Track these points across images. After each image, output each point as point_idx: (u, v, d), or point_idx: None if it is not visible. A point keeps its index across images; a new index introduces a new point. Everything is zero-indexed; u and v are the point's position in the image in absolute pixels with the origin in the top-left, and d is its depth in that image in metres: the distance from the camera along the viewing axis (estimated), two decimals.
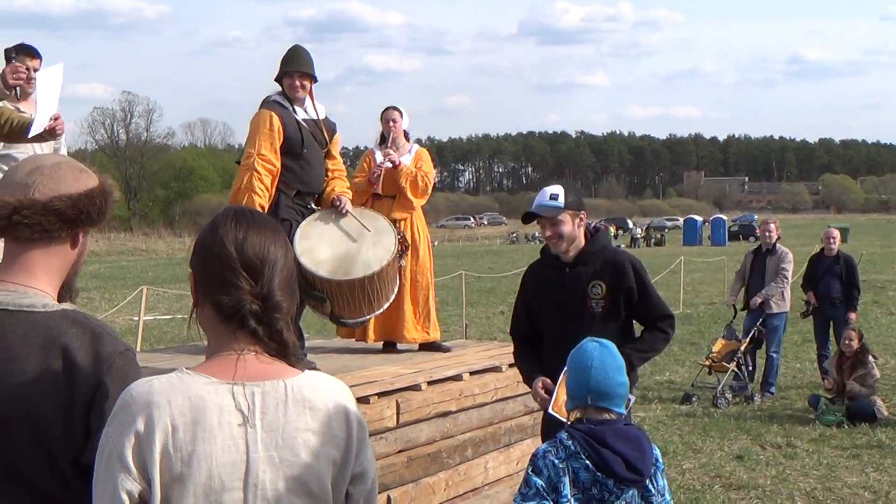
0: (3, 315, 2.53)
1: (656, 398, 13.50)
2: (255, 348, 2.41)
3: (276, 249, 2.45)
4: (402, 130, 8.90)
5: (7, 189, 2.57)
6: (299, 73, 7.62)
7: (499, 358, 8.40)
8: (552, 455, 3.97)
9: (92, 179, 2.66)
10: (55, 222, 2.58)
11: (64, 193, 2.58)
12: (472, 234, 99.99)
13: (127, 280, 36.90)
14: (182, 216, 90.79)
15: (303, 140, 7.53)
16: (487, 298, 29.36)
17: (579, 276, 5.93)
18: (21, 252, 2.60)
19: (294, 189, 7.56)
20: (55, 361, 2.48)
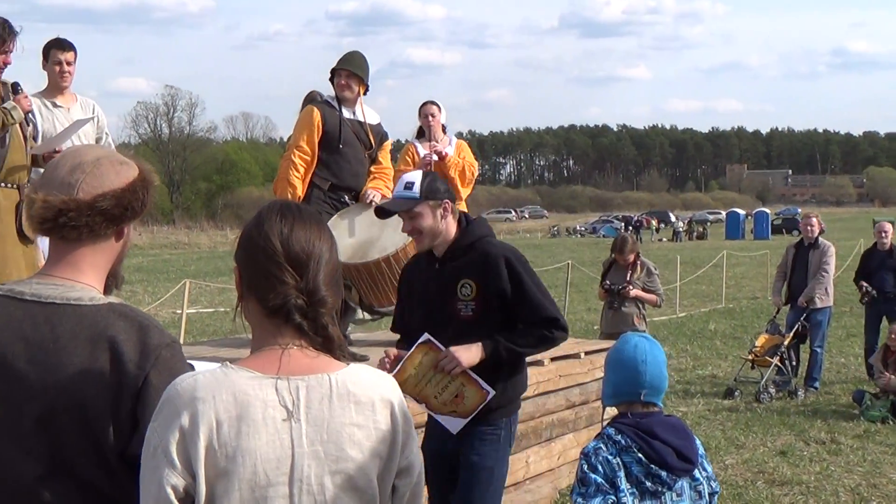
0: (51, 309, 2.55)
1: (698, 393, 13.42)
2: (299, 342, 2.41)
3: (321, 244, 2.45)
4: (440, 124, 8.96)
5: (50, 188, 2.58)
6: (346, 72, 7.81)
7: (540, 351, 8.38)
8: (603, 451, 3.94)
9: (132, 170, 2.67)
10: (101, 221, 2.59)
11: (108, 191, 2.58)
12: (513, 227, 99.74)
13: (170, 273, 37.08)
14: (224, 209, 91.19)
15: (340, 136, 7.71)
16: None
17: (448, 275, 5.13)
18: (67, 249, 2.61)
19: (328, 182, 7.78)
20: (102, 354, 2.50)
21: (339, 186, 7.85)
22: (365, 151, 7.96)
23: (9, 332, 2.54)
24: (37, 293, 2.58)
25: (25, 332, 2.53)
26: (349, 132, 7.85)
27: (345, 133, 7.81)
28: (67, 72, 7.79)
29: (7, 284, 2.64)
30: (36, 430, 2.50)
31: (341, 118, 7.85)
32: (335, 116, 7.84)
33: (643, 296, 10.92)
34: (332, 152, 7.79)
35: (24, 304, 2.57)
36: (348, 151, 7.84)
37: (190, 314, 19.62)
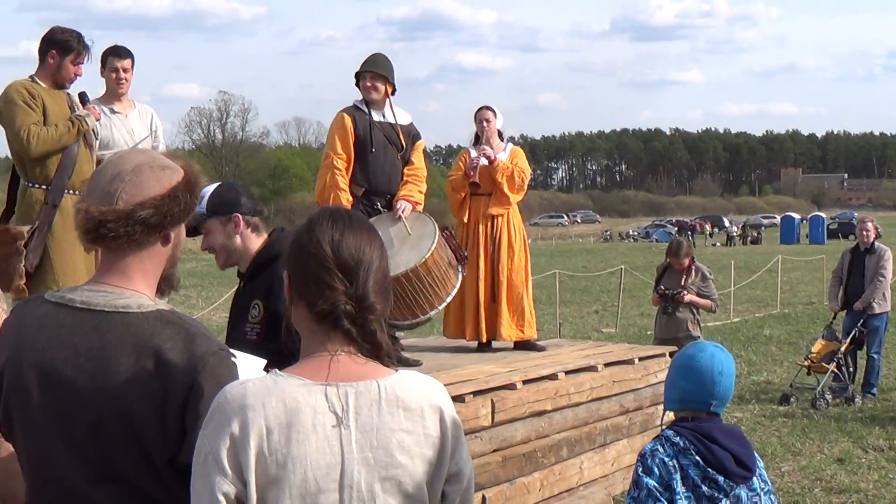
0: (100, 317, 2.56)
1: (753, 399, 13.31)
2: (348, 349, 2.40)
3: (371, 251, 2.45)
4: (495, 130, 8.95)
5: (92, 198, 2.59)
6: (371, 74, 7.83)
7: (594, 357, 8.36)
8: (661, 453, 3.91)
9: (175, 174, 2.65)
10: (141, 231, 2.59)
11: (147, 200, 2.58)
12: (566, 232, 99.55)
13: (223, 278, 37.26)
14: (276, 214, 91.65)
15: (371, 140, 7.73)
16: (581, 297, 29.21)
17: (246, 295, 4.63)
18: (115, 258, 2.62)
19: (361, 188, 7.79)
20: (148, 362, 2.51)
21: (373, 191, 7.85)
22: (397, 153, 7.94)
23: (58, 339, 2.56)
24: (86, 301, 2.59)
25: (74, 340, 2.55)
26: (380, 135, 7.85)
27: (375, 137, 7.81)
28: (124, 79, 7.89)
29: (59, 292, 2.66)
30: (86, 437, 2.52)
31: (371, 122, 7.84)
32: (365, 120, 7.84)
33: (698, 301, 10.84)
34: (364, 157, 7.79)
35: (74, 311, 2.58)
36: (380, 155, 7.83)
37: None
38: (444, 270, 7.58)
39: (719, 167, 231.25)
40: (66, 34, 7.11)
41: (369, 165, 7.77)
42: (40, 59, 7.11)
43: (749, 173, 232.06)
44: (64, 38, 7.07)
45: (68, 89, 7.24)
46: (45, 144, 6.84)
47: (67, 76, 7.11)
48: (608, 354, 8.64)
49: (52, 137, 6.84)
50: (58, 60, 7.04)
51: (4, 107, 6.92)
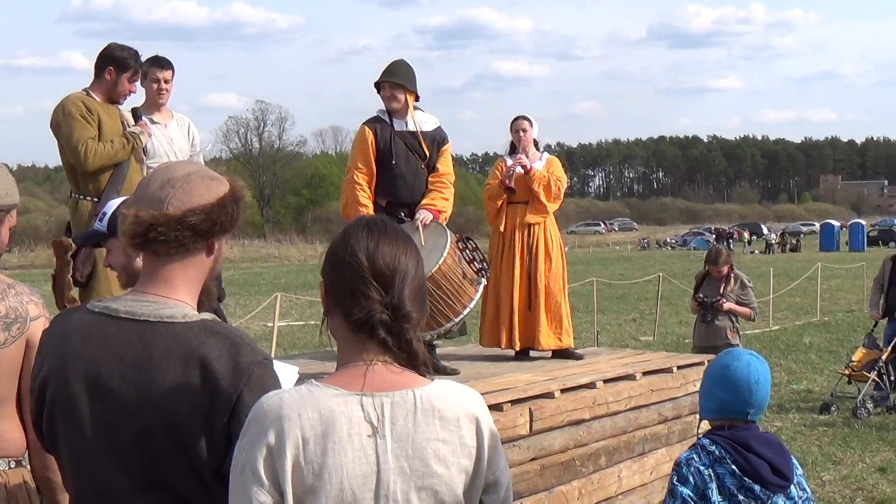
0: (145, 327, 2.57)
1: (794, 408, 13.22)
2: (384, 358, 2.40)
3: (406, 260, 2.44)
4: (531, 139, 8.94)
5: (141, 203, 2.60)
6: (389, 84, 7.75)
7: (632, 366, 8.32)
8: (696, 462, 3.88)
9: (223, 185, 2.68)
10: (190, 236, 2.61)
11: (197, 206, 2.60)
12: (603, 239, 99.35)
13: (260, 286, 37.53)
14: (314, 223, 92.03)
15: (392, 151, 7.70)
16: (618, 305, 29.15)
17: None
18: (159, 265, 2.63)
19: (385, 199, 7.76)
20: (194, 372, 2.52)
21: (397, 203, 7.82)
22: (421, 162, 7.89)
23: (103, 350, 2.57)
24: (131, 310, 2.60)
25: (120, 350, 2.56)
26: (401, 145, 7.79)
27: (396, 147, 7.76)
28: (165, 90, 7.95)
29: (102, 302, 2.67)
30: (132, 447, 2.53)
31: (392, 132, 7.80)
32: (386, 131, 7.79)
33: (737, 309, 10.79)
34: (386, 169, 7.74)
35: (119, 321, 2.60)
36: (402, 165, 7.78)
37: (281, 327, 19.81)
38: (458, 283, 7.50)
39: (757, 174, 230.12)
40: (124, 52, 7.19)
41: (392, 177, 7.74)
42: (96, 74, 7.17)
43: (787, 180, 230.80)
44: (122, 56, 7.15)
45: (121, 105, 7.33)
46: (101, 160, 6.91)
47: (122, 93, 7.20)
48: (646, 363, 8.59)
49: (107, 153, 6.92)
50: (114, 77, 7.12)
51: (62, 119, 6.97)
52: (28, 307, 3.35)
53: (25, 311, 3.34)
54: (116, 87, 7.15)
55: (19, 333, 3.30)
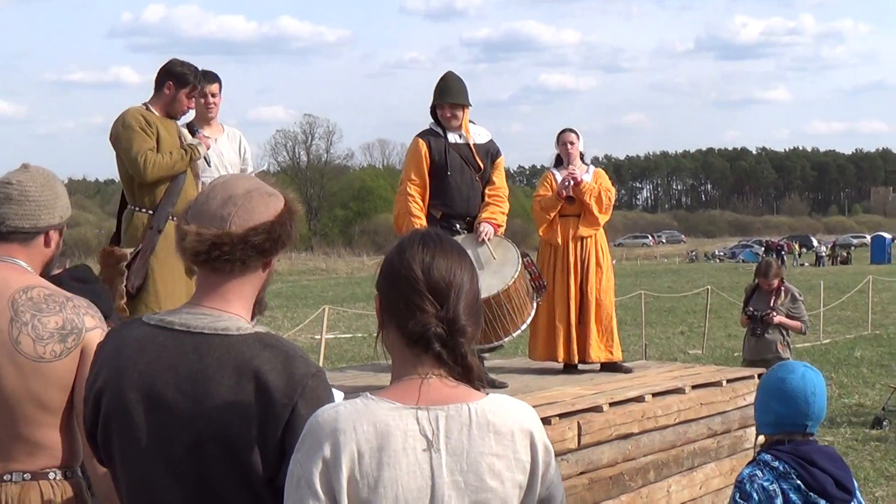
0: (199, 339, 2.60)
1: (845, 422, 13.10)
2: (439, 372, 2.40)
3: (461, 273, 2.45)
4: (578, 152, 8.94)
5: (202, 220, 2.63)
6: (450, 105, 7.79)
7: (681, 379, 8.28)
8: (760, 478, 3.85)
9: (279, 201, 2.71)
10: (253, 255, 2.64)
11: (259, 224, 2.63)
12: (651, 252, 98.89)
13: (308, 299, 37.67)
14: (361, 236, 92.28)
15: (448, 163, 7.74)
16: (667, 318, 29.00)
17: None
18: (217, 280, 2.67)
19: (440, 211, 7.79)
20: (248, 384, 2.54)
21: (452, 214, 7.85)
22: (475, 174, 7.93)
23: (159, 362, 2.60)
24: (186, 323, 2.63)
25: (174, 362, 2.59)
26: (456, 157, 7.84)
27: (451, 159, 7.81)
28: (213, 103, 8.00)
29: (158, 314, 2.70)
30: (186, 458, 2.55)
31: (447, 145, 7.85)
32: (441, 144, 7.84)
33: (787, 322, 10.71)
34: (441, 181, 7.78)
35: (174, 334, 2.62)
36: (457, 177, 7.83)
37: (328, 339, 19.88)
38: (522, 298, 7.55)
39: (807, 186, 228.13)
40: (183, 67, 7.24)
41: (447, 188, 7.77)
42: (156, 89, 7.22)
43: (838, 192, 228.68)
44: (181, 72, 7.20)
45: (178, 120, 7.37)
46: (160, 170, 6.96)
47: (180, 108, 7.24)
48: (695, 376, 8.55)
49: (166, 164, 6.97)
50: (173, 92, 7.16)
51: (122, 132, 7.03)
52: (84, 319, 3.40)
53: (81, 322, 3.38)
54: (174, 103, 7.19)
55: (74, 345, 3.34)
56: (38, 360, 3.30)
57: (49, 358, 3.30)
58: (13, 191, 3.44)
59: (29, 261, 3.47)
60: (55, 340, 3.32)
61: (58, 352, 3.32)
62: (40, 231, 3.50)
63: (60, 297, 3.41)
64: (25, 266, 3.45)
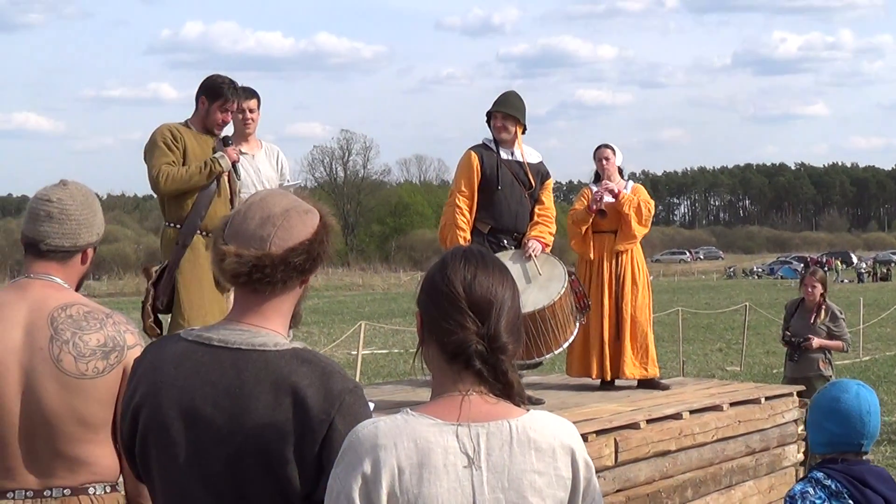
0: (237, 354, 2.61)
1: (885, 440, 12.98)
2: (479, 389, 2.40)
3: (503, 290, 2.45)
4: (615, 167, 8.94)
5: (241, 241, 2.62)
6: (501, 114, 7.87)
7: (719, 396, 8.24)
8: (811, 495, 3.82)
9: (315, 217, 2.71)
10: (294, 275, 2.65)
11: (297, 245, 2.63)
12: (688, 268, 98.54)
13: (345, 315, 37.72)
14: (397, 251, 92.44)
15: (499, 178, 7.78)
16: (704, 335, 28.87)
17: None
18: (256, 299, 2.67)
19: (487, 225, 7.85)
20: (285, 399, 2.54)
21: (499, 229, 7.89)
22: (525, 191, 7.98)
23: (197, 377, 2.61)
24: (224, 339, 2.64)
25: (212, 378, 2.60)
26: (507, 173, 7.90)
27: (503, 174, 7.87)
28: (251, 119, 8.01)
29: (196, 330, 2.71)
30: (224, 473, 2.56)
31: (499, 160, 7.91)
32: (493, 158, 7.91)
33: (828, 344, 10.59)
34: (490, 195, 7.84)
35: (212, 349, 2.63)
36: (507, 193, 7.88)
37: (365, 355, 19.90)
38: (566, 316, 7.55)
39: (846, 202, 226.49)
40: (216, 80, 7.23)
41: (496, 203, 7.83)
42: (196, 104, 7.26)
43: (878, 208, 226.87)
44: (213, 84, 7.19)
45: (219, 135, 7.33)
46: (174, 183, 6.95)
47: (214, 122, 7.20)
48: (734, 393, 8.51)
49: (181, 177, 6.96)
50: (206, 106, 7.16)
51: (148, 148, 7.08)
52: (125, 336, 3.42)
53: (123, 339, 3.41)
54: (208, 117, 7.19)
55: (117, 362, 3.36)
56: (81, 377, 3.32)
57: (92, 375, 3.33)
58: (53, 209, 3.46)
59: (66, 278, 3.49)
60: (97, 357, 3.34)
61: (101, 369, 3.34)
62: (79, 249, 3.52)
63: (100, 314, 3.43)
64: (62, 283, 3.47)
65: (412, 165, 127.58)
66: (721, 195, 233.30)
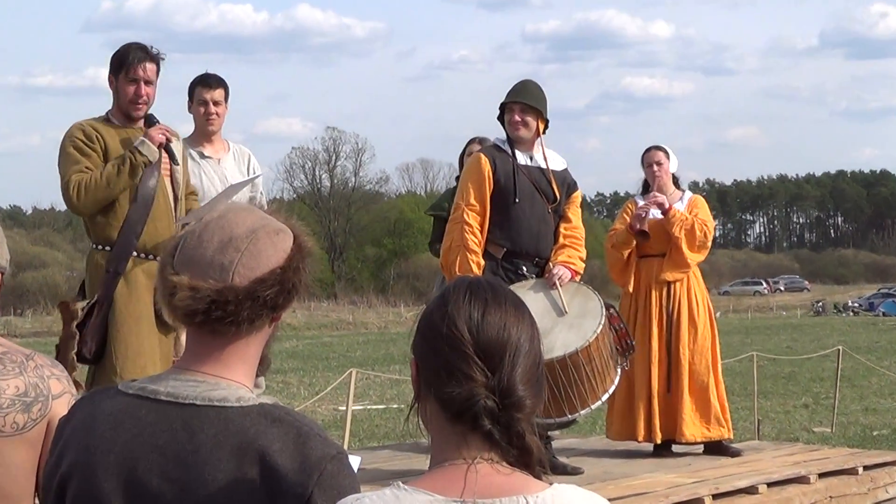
0: (190, 412, 2.58)
1: None
2: (489, 455, 2.37)
3: (519, 332, 2.42)
4: (669, 175, 8.95)
5: (195, 269, 2.58)
6: (520, 106, 7.76)
7: (805, 465, 8.23)
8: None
9: (288, 238, 2.68)
10: (264, 312, 2.61)
11: (267, 273, 2.59)
12: (765, 302, 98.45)
13: (330, 360, 37.68)
14: (397, 281, 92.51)
15: (515, 188, 7.65)
16: (785, 387, 28.80)
17: None
18: (214, 342, 2.63)
19: (501, 248, 7.74)
20: (251, 468, 2.52)
21: (517, 253, 7.79)
22: (548, 205, 7.89)
23: (140, 441, 2.58)
24: (173, 392, 2.61)
25: (159, 441, 2.57)
26: (526, 182, 7.79)
27: (520, 184, 7.75)
28: (214, 113, 7.95)
29: (139, 382, 2.68)
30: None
31: (515, 165, 7.81)
32: (508, 163, 7.80)
33: None
34: (505, 210, 7.76)
35: (158, 405, 2.61)
36: (526, 207, 7.78)
37: (356, 411, 19.90)
38: (605, 361, 7.50)
39: None
40: (122, 48, 6.99)
41: (512, 220, 7.73)
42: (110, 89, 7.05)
43: None
44: (117, 55, 6.95)
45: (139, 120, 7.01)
46: (90, 193, 6.73)
47: (126, 99, 6.92)
48: (823, 461, 8.49)
49: (97, 185, 6.70)
50: (115, 84, 6.94)
51: (59, 157, 6.91)
52: (49, 382, 3.38)
53: (47, 387, 3.37)
54: (120, 97, 6.94)
55: (41, 415, 3.32)
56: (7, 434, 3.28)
57: (9, 432, 3.27)
58: None
59: None
60: (16, 410, 3.29)
61: (20, 424, 3.29)
62: None
63: (19, 356, 3.39)
64: None
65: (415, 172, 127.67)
66: (806, 210, 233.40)
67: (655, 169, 8.94)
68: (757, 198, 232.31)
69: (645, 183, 9.07)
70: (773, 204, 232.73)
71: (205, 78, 8.07)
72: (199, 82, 8.04)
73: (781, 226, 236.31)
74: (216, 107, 7.97)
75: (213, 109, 7.95)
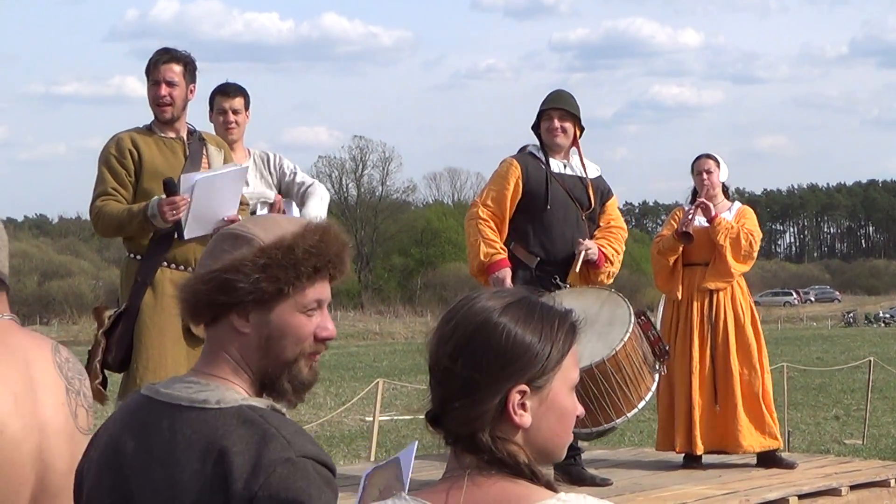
0: (175, 412, 2.60)
1: None
2: (479, 465, 2.33)
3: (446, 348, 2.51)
4: (719, 184, 8.93)
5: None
6: (559, 112, 7.76)
7: (836, 478, 8.20)
8: None
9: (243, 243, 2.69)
10: (206, 307, 2.69)
11: (206, 273, 2.70)
12: (795, 313, 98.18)
13: (357, 371, 37.68)
14: (424, 290, 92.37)
15: (548, 194, 7.62)
16: (816, 398, 28.70)
17: None
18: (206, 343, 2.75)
19: (535, 258, 7.69)
20: (210, 468, 2.52)
21: (551, 261, 7.76)
22: (582, 213, 7.87)
23: (137, 442, 2.62)
24: (170, 394, 2.64)
25: (151, 441, 2.60)
26: (559, 189, 7.77)
27: (553, 191, 7.73)
28: (234, 122, 7.93)
29: (158, 384, 2.72)
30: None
31: (549, 172, 7.80)
32: (541, 171, 7.79)
33: None
34: (537, 217, 7.74)
35: (158, 405, 2.64)
36: (559, 214, 7.75)
37: (383, 422, 19.87)
38: (637, 368, 7.46)
39: None
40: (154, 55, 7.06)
41: (546, 227, 7.70)
42: None
43: None
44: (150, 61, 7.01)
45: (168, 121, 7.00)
46: (106, 226, 6.83)
47: (151, 102, 6.99)
48: (854, 474, 8.45)
49: (110, 219, 6.78)
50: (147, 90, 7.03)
51: (97, 169, 6.97)
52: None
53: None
54: (149, 100, 7.01)
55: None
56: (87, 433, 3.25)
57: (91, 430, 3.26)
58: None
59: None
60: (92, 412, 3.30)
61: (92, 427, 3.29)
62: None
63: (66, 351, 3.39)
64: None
65: (443, 181, 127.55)
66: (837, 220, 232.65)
67: (705, 177, 8.93)
68: (787, 207, 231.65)
69: (694, 191, 9.07)
70: (804, 214, 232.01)
71: (223, 87, 8.07)
72: (218, 91, 8.05)
73: (812, 236, 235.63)
74: (235, 115, 7.96)
75: (233, 118, 7.94)
